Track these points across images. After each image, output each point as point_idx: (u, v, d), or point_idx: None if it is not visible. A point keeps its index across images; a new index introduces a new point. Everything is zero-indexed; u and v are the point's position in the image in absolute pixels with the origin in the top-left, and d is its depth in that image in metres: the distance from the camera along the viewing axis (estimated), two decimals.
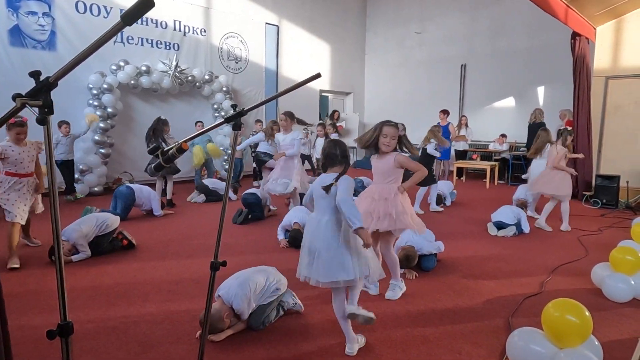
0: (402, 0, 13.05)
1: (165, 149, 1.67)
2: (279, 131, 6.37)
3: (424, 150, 6.81)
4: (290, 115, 5.99)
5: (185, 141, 1.66)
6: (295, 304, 3.10)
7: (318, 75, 1.51)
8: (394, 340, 2.76)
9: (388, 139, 3.19)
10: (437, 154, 6.84)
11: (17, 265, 3.98)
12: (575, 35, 7.55)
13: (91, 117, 7.43)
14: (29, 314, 3.04)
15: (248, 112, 1.51)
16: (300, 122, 6.22)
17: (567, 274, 4.04)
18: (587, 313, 2.29)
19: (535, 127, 8.08)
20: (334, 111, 12.60)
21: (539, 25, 10.05)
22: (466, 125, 10.70)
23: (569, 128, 5.36)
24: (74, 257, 4.17)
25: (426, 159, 6.65)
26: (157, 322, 2.94)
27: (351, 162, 7.11)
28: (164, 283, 3.65)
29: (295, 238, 4.68)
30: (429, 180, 6.64)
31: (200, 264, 4.17)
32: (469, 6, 11.57)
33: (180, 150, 1.65)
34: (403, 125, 7.08)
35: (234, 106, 1.53)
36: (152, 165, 1.83)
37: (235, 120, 1.48)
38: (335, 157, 2.55)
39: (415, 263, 3.92)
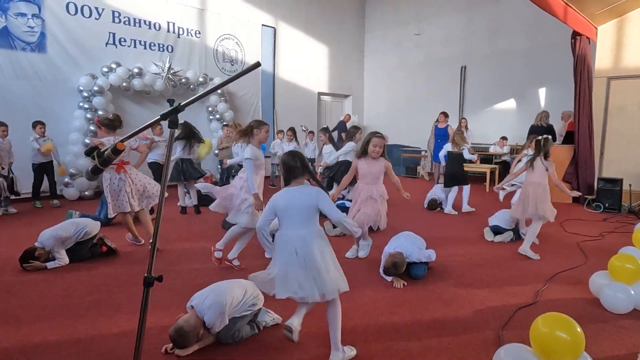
0: (399, 2, 12.90)
1: (102, 150, 1.51)
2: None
3: (453, 153, 6.98)
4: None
5: (121, 141, 1.49)
6: (273, 319, 2.93)
7: (258, 64, 1.35)
8: (374, 354, 2.58)
9: (377, 147, 4.05)
10: (474, 158, 7.17)
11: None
12: (575, 34, 7.35)
13: (48, 147, 6.90)
14: None
15: (185, 107, 1.34)
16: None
17: (564, 282, 3.83)
18: (579, 329, 2.10)
19: (538, 130, 7.91)
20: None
21: (538, 25, 9.86)
22: (466, 128, 10.49)
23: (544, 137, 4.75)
24: (49, 264, 4.02)
25: (459, 162, 6.94)
26: (124, 335, 2.77)
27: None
28: (138, 292, 3.48)
29: None
30: (463, 181, 6.97)
31: (180, 271, 4.00)
32: (465, 6, 11.40)
33: (116, 151, 1.49)
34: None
35: (170, 101, 1.36)
36: (89, 169, 1.66)
37: (171, 116, 1.32)
38: (295, 169, 2.48)
39: (403, 270, 3.73)
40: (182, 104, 1.31)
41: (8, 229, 5.59)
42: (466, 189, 7.06)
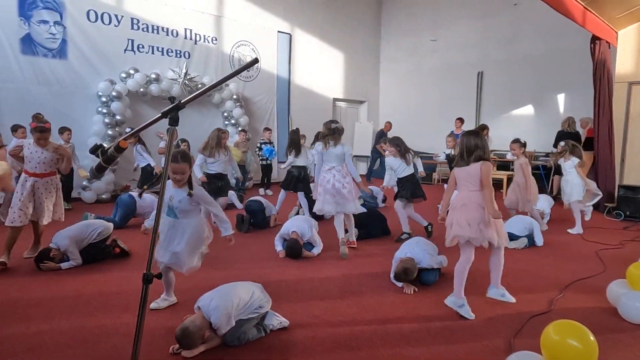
0: (415, 9, 12.87)
1: (105, 148, 1.52)
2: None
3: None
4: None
5: (125, 139, 1.51)
6: (280, 322, 2.91)
7: (255, 61, 1.34)
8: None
9: None
10: None
11: (4, 260, 4.05)
12: (594, 39, 7.21)
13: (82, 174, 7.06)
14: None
15: (186, 105, 1.34)
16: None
17: (581, 291, 3.72)
18: (592, 337, 2.03)
19: (566, 136, 7.83)
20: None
21: (556, 30, 9.70)
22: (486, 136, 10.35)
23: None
24: (63, 265, 4.08)
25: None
26: (131, 335, 2.75)
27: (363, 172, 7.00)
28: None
29: (291, 248, 4.50)
30: None
31: (189, 275, 4.01)
32: (482, 13, 11.30)
33: (119, 149, 1.50)
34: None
35: (171, 99, 1.37)
36: (93, 167, 1.68)
37: (172, 114, 1.32)
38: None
39: (415, 277, 3.68)
40: (182, 101, 1.32)
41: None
42: None
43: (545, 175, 9.27)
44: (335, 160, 4.77)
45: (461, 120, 9.63)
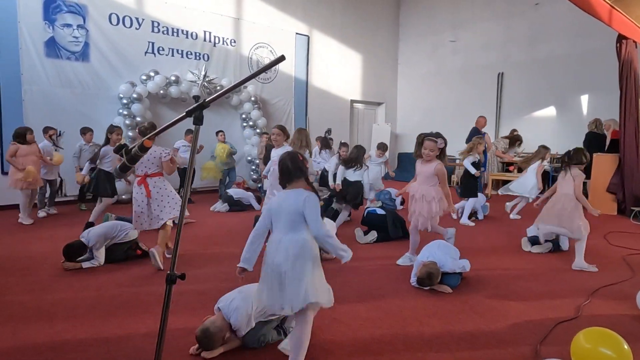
0: (435, 9, 12.74)
1: (129, 148, 1.52)
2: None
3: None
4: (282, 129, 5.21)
5: (148, 138, 1.50)
6: None
7: (282, 58, 1.32)
8: None
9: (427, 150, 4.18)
10: (474, 171, 6.58)
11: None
12: (620, 38, 7.02)
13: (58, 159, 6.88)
14: (24, 323, 2.97)
15: (210, 104, 1.33)
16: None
17: (609, 297, 3.60)
18: (626, 346, 1.95)
19: (595, 138, 7.87)
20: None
21: (581, 29, 9.49)
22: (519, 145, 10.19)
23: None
24: (84, 264, 4.12)
25: (467, 172, 6.72)
26: (151, 335, 2.78)
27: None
28: None
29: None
30: (470, 193, 6.71)
31: (208, 274, 4.02)
32: (504, 12, 11.11)
33: (143, 148, 1.50)
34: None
35: (195, 97, 1.36)
36: (117, 166, 1.68)
37: (196, 112, 1.31)
38: (289, 171, 2.35)
39: (439, 281, 3.62)
40: (207, 99, 1.30)
41: (50, 229, 5.81)
42: (471, 201, 6.66)
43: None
44: None
45: (484, 118, 9.42)
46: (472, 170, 6.50)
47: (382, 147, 7.60)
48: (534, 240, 5.08)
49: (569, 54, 9.97)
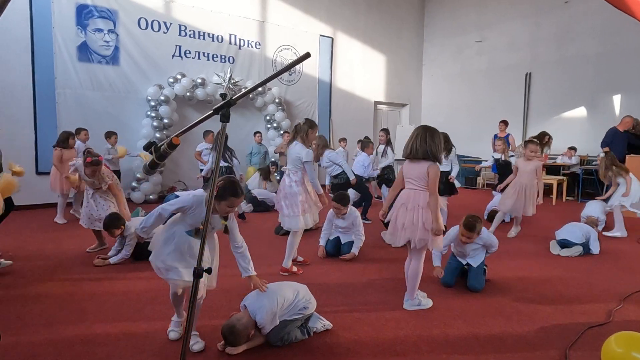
0: (460, 9, 12.59)
1: (158, 145, 1.56)
2: None
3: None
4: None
5: (177, 136, 1.54)
6: (324, 325, 2.89)
7: (308, 55, 1.34)
8: None
9: None
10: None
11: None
12: None
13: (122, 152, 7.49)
14: (56, 317, 3.07)
15: (237, 102, 1.36)
16: None
17: None
18: None
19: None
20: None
21: (612, 28, 9.22)
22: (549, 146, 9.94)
23: None
24: (112, 260, 4.24)
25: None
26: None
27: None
28: None
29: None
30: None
31: (233, 273, 4.05)
32: (532, 11, 10.87)
33: (172, 145, 1.54)
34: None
35: (222, 95, 1.39)
36: (147, 163, 1.73)
37: (223, 110, 1.34)
38: None
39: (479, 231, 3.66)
40: (233, 97, 1.33)
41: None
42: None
43: (598, 180, 8.79)
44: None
45: (505, 122, 9.32)
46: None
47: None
48: (563, 244, 4.96)
49: (599, 53, 9.69)
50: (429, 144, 3.07)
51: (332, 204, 4.71)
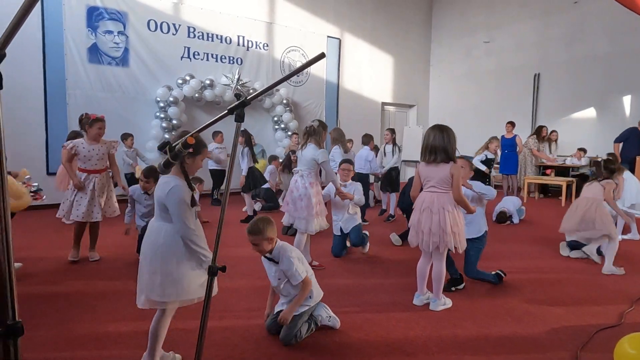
0: (468, 10, 12.55)
1: (173, 145, 1.58)
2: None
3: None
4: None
5: (191, 135, 1.56)
6: (330, 317, 2.90)
7: (322, 55, 1.35)
8: None
9: None
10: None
11: (76, 259, 4.33)
12: None
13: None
14: (69, 315, 3.11)
15: (252, 101, 1.37)
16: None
17: None
18: None
19: None
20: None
21: (623, 28, 9.15)
22: (555, 142, 9.91)
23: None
24: (127, 219, 4.47)
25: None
26: (189, 330, 2.87)
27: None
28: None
29: None
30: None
31: (243, 272, 4.09)
32: (541, 12, 10.81)
33: (186, 145, 1.55)
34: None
35: (237, 95, 1.40)
36: (161, 162, 1.75)
37: (238, 110, 1.35)
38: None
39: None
40: (248, 97, 1.34)
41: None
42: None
43: None
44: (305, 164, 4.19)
45: (512, 124, 9.29)
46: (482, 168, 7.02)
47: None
48: (573, 245, 4.93)
49: (609, 53, 9.62)
50: (446, 142, 3.13)
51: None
